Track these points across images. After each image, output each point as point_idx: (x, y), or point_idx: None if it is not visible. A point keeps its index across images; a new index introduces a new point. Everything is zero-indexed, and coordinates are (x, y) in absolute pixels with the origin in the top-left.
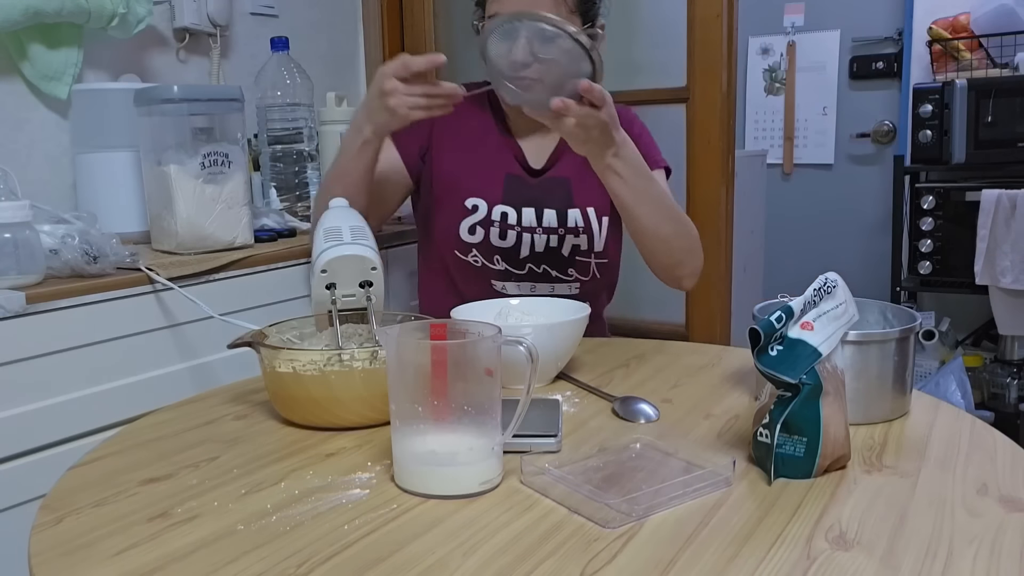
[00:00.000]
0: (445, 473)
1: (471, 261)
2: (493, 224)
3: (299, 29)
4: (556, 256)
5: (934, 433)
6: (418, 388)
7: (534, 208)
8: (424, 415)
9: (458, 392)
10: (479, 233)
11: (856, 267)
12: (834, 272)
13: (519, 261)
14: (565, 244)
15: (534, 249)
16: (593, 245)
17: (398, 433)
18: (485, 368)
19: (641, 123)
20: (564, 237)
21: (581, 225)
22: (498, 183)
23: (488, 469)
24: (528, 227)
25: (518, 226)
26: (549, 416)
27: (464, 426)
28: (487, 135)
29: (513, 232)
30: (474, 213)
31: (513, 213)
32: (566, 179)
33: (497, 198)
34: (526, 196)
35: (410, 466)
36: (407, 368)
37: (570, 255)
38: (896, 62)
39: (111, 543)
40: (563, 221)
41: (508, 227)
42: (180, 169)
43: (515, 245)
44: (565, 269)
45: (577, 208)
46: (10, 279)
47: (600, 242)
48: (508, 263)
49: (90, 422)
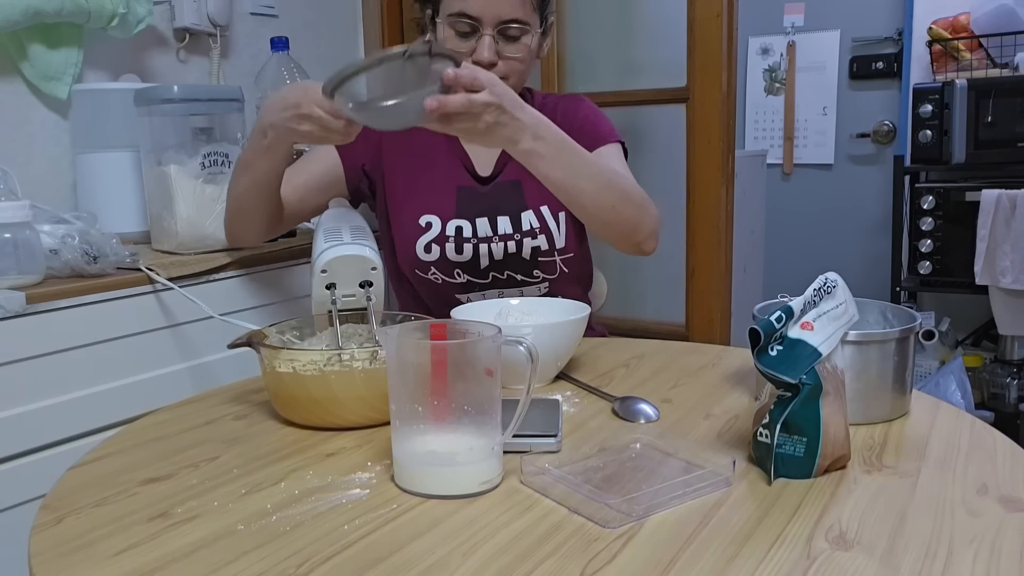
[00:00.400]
0: (445, 473)
1: (431, 279)
2: (448, 240)
3: (299, 29)
4: (518, 260)
5: (934, 433)
6: (418, 388)
7: (487, 217)
8: (424, 415)
9: (458, 392)
10: (435, 251)
11: (856, 267)
12: (834, 272)
13: (481, 271)
14: (524, 248)
15: (493, 258)
16: (554, 243)
17: (398, 433)
18: (485, 368)
19: (590, 106)
20: (522, 241)
21: (537, 226)
22: (450, 197)
23: (488, 469)
24: (484, 237)
25: (474, 238)
26: (549, 416)
27: (464, 426)
28: (435, 146)
29: (469, 245)
30: (428, 231)
31: (467, 226)
32: (517, 181)
33: (450, 213)
34: (479, 206)
35: (410, 466)
36: (407, 368)
37: (532, 257)
38: (896, 62)
39: (111, 543)
40: (518, 226)
41: (464, 240)
42: (180, 169)
43: (473, 257)
44: (530, 271)
45: (530, 209)
46: (10, 279)
47: (560, 239)
48: (470, 275)
49: (90, 422)
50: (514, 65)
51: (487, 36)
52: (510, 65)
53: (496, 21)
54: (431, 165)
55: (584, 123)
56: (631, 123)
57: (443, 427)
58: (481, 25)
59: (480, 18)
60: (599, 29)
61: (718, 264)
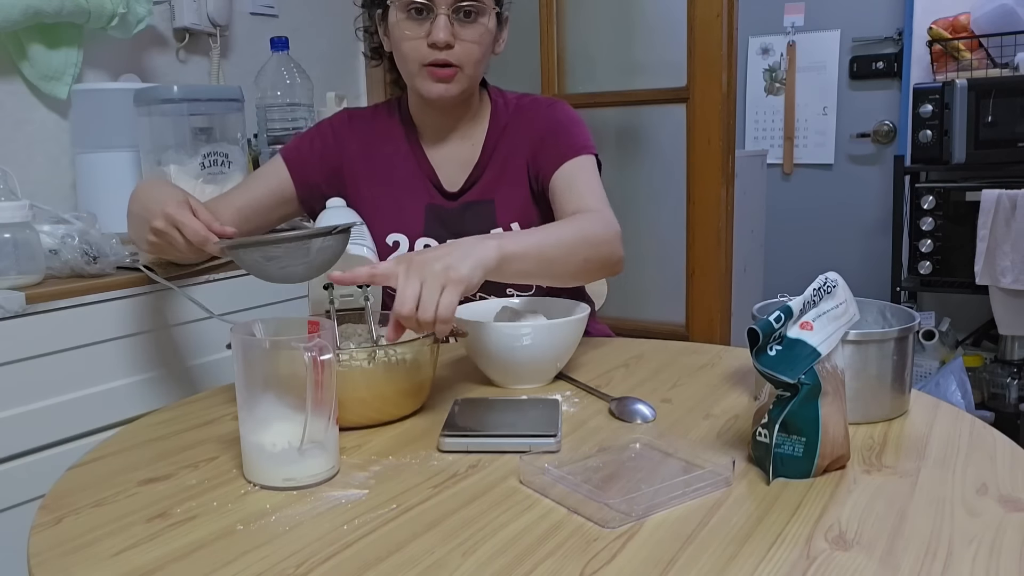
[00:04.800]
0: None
1: None
2: None
3: (299, 29)
4: (488, 281)
5: (934, 433)
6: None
7: (457, 236)
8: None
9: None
10: None
11: (856, 267)
12: (834, 272)
13: None
14: None
15: None
16: None
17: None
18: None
19: (567, 111)
20: None
21: None
22: (418, 215)
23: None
24: None
25: None
26: (549, 416)
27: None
28: (401, 162)
29: None
30: (397, 250)
31: (436, 244)
32: (489, 201)
33: (418, 231)
34: (448, 225)
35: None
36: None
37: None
38: (896, 62)
39: (110, 543)
40: None
41: None
42: (180, 169)
43: None
44: (502, 289)
45: (499, 227)
46: (10, 279)
47: None
48: None
49: (90, 422)
50: (471, 49)
51: (442, 16)
52: (466, 48)
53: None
54: (397, 181)
55: (558, 129)
56: (631, 123)
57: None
58: (435, 5)
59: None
60: (599, 29)
61: (718, 264)
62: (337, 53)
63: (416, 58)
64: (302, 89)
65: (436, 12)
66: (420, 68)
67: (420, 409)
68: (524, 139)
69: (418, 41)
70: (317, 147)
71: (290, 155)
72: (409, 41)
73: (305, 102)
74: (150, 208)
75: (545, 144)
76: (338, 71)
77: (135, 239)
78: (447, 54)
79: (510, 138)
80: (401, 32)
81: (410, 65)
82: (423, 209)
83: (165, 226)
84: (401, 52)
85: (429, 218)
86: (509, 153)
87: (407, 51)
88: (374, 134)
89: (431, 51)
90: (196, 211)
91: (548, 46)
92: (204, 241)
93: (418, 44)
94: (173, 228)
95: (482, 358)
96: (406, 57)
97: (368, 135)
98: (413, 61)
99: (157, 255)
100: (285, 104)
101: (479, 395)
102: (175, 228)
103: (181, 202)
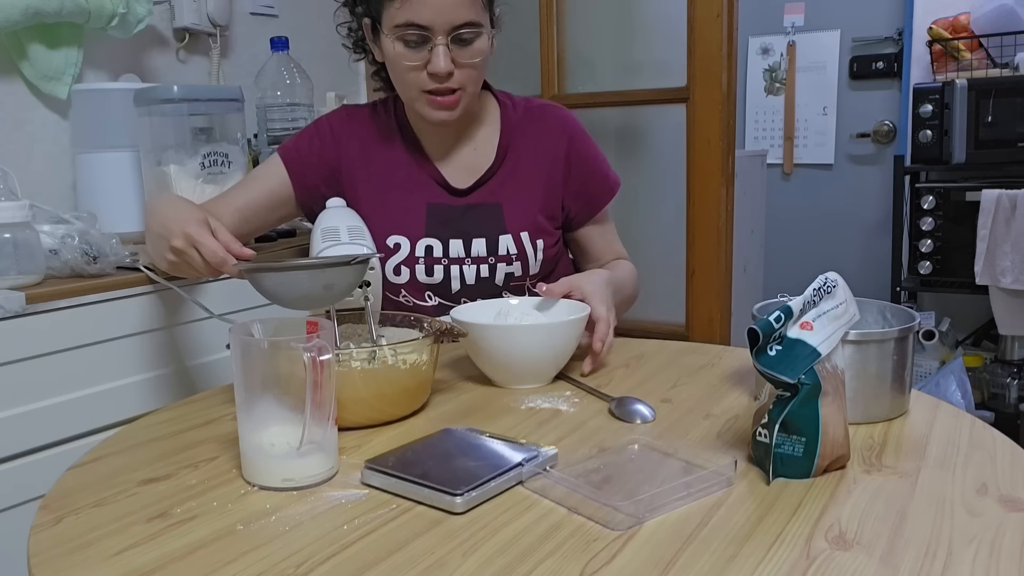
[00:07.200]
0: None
1: (402, 301)
2: (418, 261)
3: (299, 29)
4: (489, 285)
5: (934, 433)
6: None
7: (462, 239)
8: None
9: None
10: (404, 273)
11: (856, 267)
12: (834, 272)
13: (452, 296)
14: (497, 273)
15: (464, 282)
16: (528, 270)
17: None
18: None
19: (587, 139)
20: (495, 266)
21: (514, 252)
22: (419, 214)
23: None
24: (456, 258)
25: (445, 258)
26: (475, 471)
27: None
28: (402, 162)
29: (440, 266)
30: (397, 252)
31: (438, 245)
32: (497, 204)
33: (419, 232)
34: (453, 226)
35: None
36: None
37: (504, 283)
38: (896, 62)
39: (110, 543)
40: (493, 249)
41: (434, 261)
42: (180, 169)
43: (444, 279)
44: (498, 292)
45: (509, 234)
46: (10, 279)
47: (535, 265)
48: (441, 297)
49: (90, 422)
50: (470, 73)
51: (440, 46)
52: (467, 74)
53: (448, 28)
54: (398, 181)
55: (589, 164)
56: (631, 123)
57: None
58: (432, 34)
59: (431, 26)
60: (599, 29)
61: (718, 264)
62: (337, 53)
63: (416, 85)
64: (302, 89)
65: (434, 42)
66: (421, 94)
67: (420, 409)
68: (539, 149)
69: (417, 70)
70: (316, 147)
71: (289, 156)
72: (409, 72)
73: (305, 102)
74: (170, 227)
75: (576, 178)
76: (338, 71)
77: (153, 256)
78: (448, 81)
79: (520, 142)
80: (399, 61)
81: (410, 91)
82: (424, 208)
83: (184, 246)
84: (400, 78)
85: (430, 218)
86: (519, 157)
87: (407, 79)
88: (373, 133)
89: (431, 79)
90: (215, 231)
91: (548, 46)
92: (222, 263)
93: (417, 72)
94: (192, 248)
95: (482, 358)
96: (406, 83)
97: (367, 134)
98: (413, 87)
99: (175, 273)
100: (285, 104)
101: (478, 397)
102: (194, 248)
103: (201, 221)
